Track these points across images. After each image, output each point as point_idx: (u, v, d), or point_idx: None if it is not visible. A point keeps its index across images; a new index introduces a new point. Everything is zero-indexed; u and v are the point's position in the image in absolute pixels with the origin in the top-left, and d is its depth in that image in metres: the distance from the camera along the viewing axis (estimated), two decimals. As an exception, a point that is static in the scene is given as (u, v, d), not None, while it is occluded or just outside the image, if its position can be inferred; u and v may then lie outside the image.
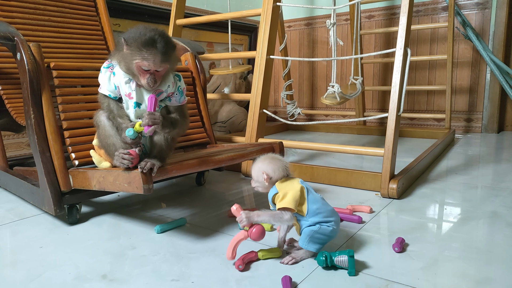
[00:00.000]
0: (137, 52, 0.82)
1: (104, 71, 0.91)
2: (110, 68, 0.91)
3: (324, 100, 1.66)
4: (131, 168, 0.87)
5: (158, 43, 0.82)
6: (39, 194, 1.04)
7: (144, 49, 0.82)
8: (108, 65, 0.92)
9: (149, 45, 0.82)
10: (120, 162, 0.86)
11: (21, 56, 0.96)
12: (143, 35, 0.82)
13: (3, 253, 0.88)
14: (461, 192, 1.27)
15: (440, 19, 2.52)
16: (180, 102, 0.96)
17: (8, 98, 1.33)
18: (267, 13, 1.57)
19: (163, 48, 0.83)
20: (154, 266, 0.79)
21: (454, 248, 0.86)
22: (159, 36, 0.83)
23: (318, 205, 0.79)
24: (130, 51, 0.83)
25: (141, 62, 0.83)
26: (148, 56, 0.82)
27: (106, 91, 0.92)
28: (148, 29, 0.84)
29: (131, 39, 0.83)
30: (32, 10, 1.46)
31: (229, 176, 1.54)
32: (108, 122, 0.91)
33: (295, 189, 0.79)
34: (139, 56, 0.82)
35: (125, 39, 0.83)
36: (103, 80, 0.91)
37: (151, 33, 0.83)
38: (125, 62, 0.85)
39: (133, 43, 0.82)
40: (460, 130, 2.56)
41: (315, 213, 0.78)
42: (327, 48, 2.96)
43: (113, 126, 0.91)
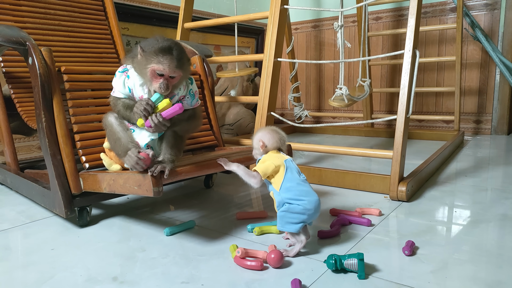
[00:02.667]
0: (153, 56, 0.84)
1: (119, 75, 0.93)
2: (125, 72, 0.93)
3: (332, 102, 1.65)
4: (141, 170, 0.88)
5: (174, 50, 0.86)
6: (50, 197, 1.05)
7: (160, 54, 0.84)
8: (123, 69, 0.94)
9: (165, 51, 0.85)
10: (133, 166, 0.86)
11: (32, 60, 0.97)
12: (160, 42, 0.86)
13: (15, 255, 0.89)
14: (471, 195, 1.26)
15: (448, 20, 2.50)
16: (192, 105, 0.97)
17: (19, 101, 1.35)
18: (275, 16, 1.57)
19: (178, 55, 0.86)
20: (164, 269, 0.80)
21: (465, 251, 0.85)
22: (175, 45, 0.87)
23: (293, 184, 0.84)
24: (146, 56, 0.86)
25: (156, 66, 0.85)
26: (163, 60, 0.84)
27: (120, 94, 0.93)
28: (165, 38, 0.88)
29: (148, 46, 0.86)
30: (42, 14, 1.49)
31: (237, 178, 1.53)
32: (116, 121, 0.93)
33: (274, 162, 0.86)
34: (155, 60, 0.84)
35: (142, 46, 0.86)
36: (118, 83, 0.93)
37: (168, 42, 0.86)
38: (140, 67, 0.87)
39: (150, 49, 0.85)
40: (469, 132, 2.54)
41: (287, 190, 0.83)
42: (334, 50, 2.96)
43: (120, 124, 0.93)
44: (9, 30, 1.02)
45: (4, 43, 0.99)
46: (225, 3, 2.78)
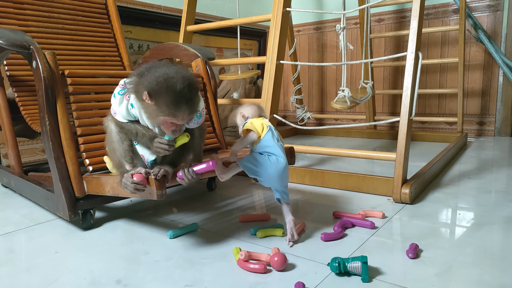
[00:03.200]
0: (165, 108, 0.77)
1: (120, 98, 0.85)
2: (126, 95, 0.85)
3: (334, 104, 1.65)
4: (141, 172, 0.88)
5: (187, 100, 0.77)
6: (54, 200, 1.05)
7: (173, 107, 0.76)
8: (123, 91, 0.85)
9: (178, 103, 0.76)
10: (132, 192, 0.84)
11: (36, 64, 0.98)
12: (169, 90, 0.76)
13: (19, 258, 0.89)
14: (475, 197, 1.26)
15: (451, 22, 2.50)
16: (198, 124, 0.92)
17: (23, 105, 1.36)
18: (277, 19, 1.58)
19: (191, 101, 0.78)
20: (167, 272, 0.80)
21: (469, 254, 0.85)
22: (186, 88, 0.77)
23: (269, 143, 0.89)
24: (156, 106, 0.77)
25: (169, 119, 0.78)
26: (177, 113, 0.77)
27: (123, 119, 0.88)
28: (172, 77, 0.76)
29: (156, 93, 0.76)
30: (46, 18, 1.50)
31: (240, 181, 1.54)
32: (115, 128, 0.89)
33: (257, 122, 0.93)
34: (167, 112, 0.77)
35: (149, 93, 0.76)
36: (120, 109, 0.86)
37: (178, 86, 0.76)
38: (149, 113, 0.81)
39: (160, 99, 0.76)
40: (473, 133, 2.53)
41: (263, 148, 0.89)
42: (337, 52, 2.96)
43: (119, 132, 0.89)
44: (13, 34, 1.03)
45: (8, 47, 0.99)
46: (227, 5, 2.79)
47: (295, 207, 1.22)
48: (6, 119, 1.36)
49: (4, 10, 1.40)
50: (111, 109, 0.90)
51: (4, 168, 1.42)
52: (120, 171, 0.89)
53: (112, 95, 0.88)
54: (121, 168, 0.89)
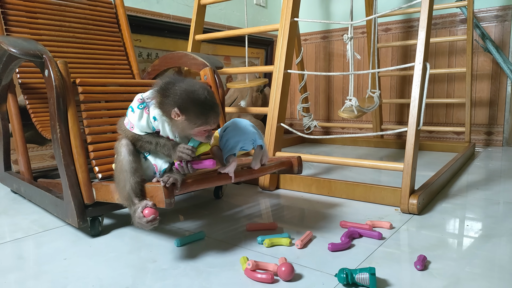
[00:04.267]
0: (196, 120, 0.83)
1: (140, 113, 0.88)
2: (145, 109, 0.88)
3: (341, 113, 1.66)
4: (152, 182, 0.89)
5: (212, 105, 0.84)
6: (63, 206, 1.06)
7: (203, 116, 0.83)
8: (142, 105, 0.88)
9: (207, 111, 0.83)
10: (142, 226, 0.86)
11: (48, 73, 1.00)
12: (196, 102, 0.82)
13: (28, 264, 0.90)
14: (483, 208, 1.25)
15: (458, 32, 2.50)
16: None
17: (34, 112, 1.38)
18: (285, 28, 1.59)
19: (216, 105, 0.85)
20: (174, 280, 0.80)
21: (477, 266, 0.84)
22: (208, 95, 0.84)
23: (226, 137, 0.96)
24: (188, 121, 0.83)
25: (204, 127, 0.85)
26: (209, 120, 0.84)
27: (141, 132, 0.90)
28: (193, 90, 0.83)
29: (185, 108, 0.82)
30: (58, 27, 1.52)
31: (247, 189, 1.54)
32: (129, 157, 0.88)
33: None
34: (200, 122, 0.83)
35: (179, 110, 0.82)
36: (140, 123, 0.88)
37: (202, 96, 0.83)
38: (182, 128, 0.85)
39: (190, 113, 0.82)
40: (481, 143, 2.51)
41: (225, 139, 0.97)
42: (344, 61, 2.97)
43: (131, 162, 0.88)
44: (26, 43, 1.05)
45: (22, 56, 1.01)
46: (235, 14, 2.82)
47: (301, 215, 1.22)
48: (17, 126, 1.38)
49: (17, 19, 1.43)
50: (126, 123, 0.90)
51: (14, 174, 1.44)
52: (127, 203, 0.88)
53: (129, 109, 0.90)
54: (128, 201, 0.87)
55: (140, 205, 0.86)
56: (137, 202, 0.87)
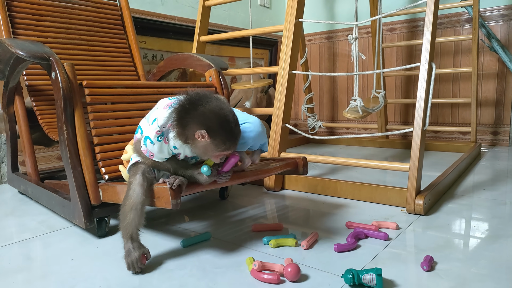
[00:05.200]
0: (221, 144, 0.82)
1: (159, 145, 0.86)
2: (164, 139, 0.86)
3: (346, 114, 1.65)
4: (159, 183, 0.90)
5: (239, 133, 0.85)
6: (70, 207, 1.07)
7: (228, 142, 0.83)
8: (162, 136, 0.86)
9: (234, 137, 0.83)
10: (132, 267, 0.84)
11: (55, 75, 1.01)
12: (225, 128, 0.82)
13: (35, 264, 0.91)
14: (490, 209, 1.24)
15: (463, 31, 2.49)
16: None
17: (41, 113, 1.39)
18: (290, 29, 1.59)
19: (239, 134, 0.86)
20: (181, 281, 0.81)
21: (484, 267, 0.84)
22: (236, 123, 0.84)
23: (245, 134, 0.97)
24: (212, 144, 0.82)
25: (225, 152, 0.85)
26: (232, 147, 0.84)
27: (161, 160, 0.90)
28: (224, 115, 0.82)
29: (213, 131, 0.81)
30: (64, 29, 1.54)
31: (252, 190, 1.55)
32: (142, 197, 0.86)
33: None
34: (224, 147, 0.83)
35: (208, 131, 0.80)
36: (160, 153, 0.87)
37: (232, 123, 0.83)
38: (204, 150, 0.84)
39: (217, 137, 0.81)
40: (487, 143, 2.50)
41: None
42: (348, 61, 2.97)
43: (143, 202, 0.86)
44: (33, 46, 1.06)
45: (29, 59, 1.02)
46: (239, 15, 2.83)
47: (307, 216, 1.22)
48: (24, 128, 1.39)
49: (24, 22, 1.44)
50: (145, 150, 0.87)
51: (21, 176, 1.45)
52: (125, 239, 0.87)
53: (146, 141, 0.86)
54: (127, 237, 0.87)
55: (139, 252, 0.85)
56: (136, 247, 0.85)
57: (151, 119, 0.88)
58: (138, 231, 0.88)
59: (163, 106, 0.88)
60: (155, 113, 0.88)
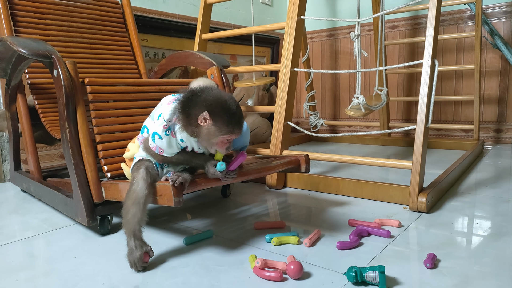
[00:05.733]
0: (224, 127, 0.82)
1: (167, 139, 0.87)
2: (172, 133, 0.87)
3: (348, 111, 1.65)
4: (161, 181, 0.90)
5: (241, 116, 0.85)
6: (73, 205, 1.07)
7: (230, 125, 0.83)
8: (169, 130, 0.87)
9: (235, 120, 0.83)
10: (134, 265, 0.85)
11: (57, 73, 1.00)
12: (227, 110, 0.82)
13: (38, 262, 0.91)
14: (493, 206, 1.24)
15: (466, 28, 2.48)
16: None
17: (43, 112, 1.39)
18: (291, 27, 1.59)
19: (241, 118, 0.86)
20: (184, 278, 0.81)
21: (487, 265, 0.83)
22: (238, 107, 0.85)
23: None
24: (215, 127, 0.82)
25: (229, 136, 0.84)
26: (235, 130, 0.84)
27: (171, 155, 0.90)
28: (225, 100, 0.83)
29: (215, 114, 0.82)
30: (66, 27, 1.53)
31: (254, 187, 1.55)
32: (145, 191, 0.86)
33: None
34: (226, 130, 0.83)
35: (210, 113, 0.81)
36: (169, 148, 0.88)
37: (232, 106, 0.83)
38: (208, 135, 0.84)
39: (218, 119, 0.82)
40: (489, 141, 2.49)
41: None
42: (350, 59, 2.96)
43: (147, 195, 0.86)
44: (35, 44, 1.06)
45: (31, 56, 1.02)
46: (241, 13, 2.82)
47: (309, 214, 1.22)
48: (27, 126, 1.39)
49: (26, 20, 1.44)
50: (154, 147, 0.88)
51: (24, 174, 1.45)
52: (128, 236, 0.87)
53: (154, 137, 0.87)
54: (130, 235, 0.87)
55: (141, 250, 0.85)
56: (138, 245, 0.85)
57: (156, 116, 0.89)
58: (140, 227, 0.88)
59: (167, 102, 0.89)
60: (160, 109, 0.90)
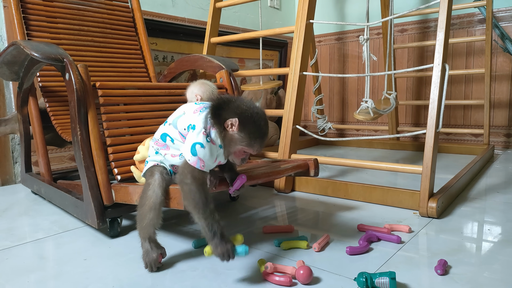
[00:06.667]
0: (247, 138, 0.80)
1: (209, 146, 0.81)
2: (212, 140, 0.82)
3: (357, 115, 1.64)
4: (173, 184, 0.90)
5: (267, 133, 0.82)
6: (83, 208, 1.08)
7: (255, 138, 0.80)
8: (208, 137, 0.81)
9: (260, 138, 0.81)
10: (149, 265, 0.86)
11: (69, 76, 1.02)
12: (257, 123, 0.80)
13: (49, 264, 0.92)
14: (504, 212, 1.22)
15: (476, 32, 2.46)
16: None
17: (54, 114, 1.41)
18: (300, 31, 1.59)
19: (267, 136, 0.83)
20: (193, 282, 0.81)
21: (500, 272, 0.82)
22: (264, 125, 0.82)
23: None
24: (239, 135, 0.79)
25: (247, 149, 0.82)
26: (257, 144, 0.81)
27: (210, 166, 0.85)
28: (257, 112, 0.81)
29: (244, 122, 0.79)
30: (77, 31, 1.55)
31: (262, 191, 1.55)
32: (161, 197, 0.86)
33: None
34: (248, 142, 0.80)
35: (239, 120, 0.78)
36: (211, 157, 0.82)
37: (262, 121, 0.81)
38: (230, 141, 0.81)
39: (245, 129, 0.79)
40: (500, 145, 2.46)
41: None
42: (359, 62, 2.95)
43: (163, 203, 0.86)
44: (48, 47, 1.07)
45: (43, 60, 1.03)
46: (249, 17, 2.83)
47: (318, 218, 1.21)
48: (38, 128, 1.41)
49: (38, 24, 1.46)
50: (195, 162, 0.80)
51: (34, 176, 1.47)
52: (143, 238, 0.88)
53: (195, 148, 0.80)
54: (145, 238, 0.88)
55: (157, 252, 0.87)
56: (154, 247, 0.87)
57: (182, 125, 0.85)
58: (155, 230, 0.89)
59: (192, 111, 0.85)
60: (186, 119, 0.85)
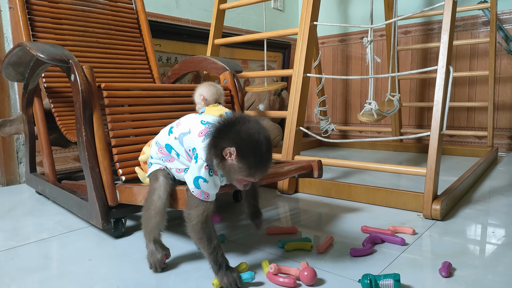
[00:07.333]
0: (246, 169, 0.74)
1: (211, 180, 0.79)
2: (214, 172, 0.79)
3: (360, 117, 1.64)
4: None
5: (269, 160, 0.76)
6: (88, 208, 1.08)
7: (255, 168, 0.75)
8: (211, 171, 0.78)
9: (262, 165, 0.75)
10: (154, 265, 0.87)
11: (75, 77, 1.02)
12: (256, 153, 0.73)
13: (53, 264, 0.92)
14: (508, 214, 1.22)
15: (480, 34, 2.45)
16: None
17: (59, 115, 1.42)
18: (304, 32, 1.59)
19: (270, 162, 0.77)
20: (197, 282, 0.81)
21: (504, 274, 0.82)
22: (269, 150, 0.75)
23: None
24: (238, 166, 0.74)
25: (248, 178, 0.77)
26: (258, 174, 0.76)
27: (214, 196, 0.81)
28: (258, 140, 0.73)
29: (243, 152, 0.73)
30: (81, 33, 1.56)
31: (265, 192, 1.55)
32: (166, 200, 0.86)
33: (215, 113, 0.96)
34: (247, 173, 0.75)
35: (237, 150, 0.73)
36: (215, 188, 0.80)
37: (264, 148, 0.74)
38: (229, 171, 0.76)
39: (244, 160, 0.73)
40: (503, 148, 2.45)
41: None
42: (362, 64, 2.95)
43: (167, 205, 0.86)
44: (53, 49, 1.08)
45: (49, 61, 1.04)
46: (253, 18, 2.83)
47: (321, 220, 1.21)
48: (43, 129, 1.42)
49: (43, 25, 1.47)
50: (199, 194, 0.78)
51: (39, 176, 1.48)
52: (148, 240, 0.89)
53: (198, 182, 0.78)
54: (150, 239, 0.88)
55: (162, 253, 0.88)
56: (158, 247, 0.88)
57: (188, 145, 0.83)
58: (160, 232, 0.89)
59: (197, 132, 0.82)
60: (191, 140, 0.83)
